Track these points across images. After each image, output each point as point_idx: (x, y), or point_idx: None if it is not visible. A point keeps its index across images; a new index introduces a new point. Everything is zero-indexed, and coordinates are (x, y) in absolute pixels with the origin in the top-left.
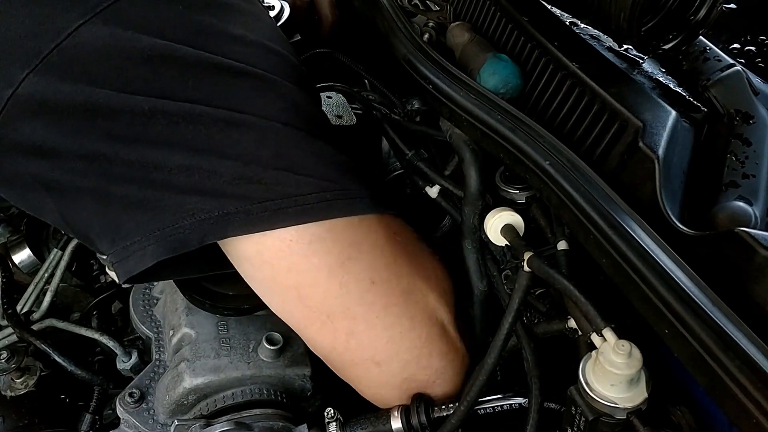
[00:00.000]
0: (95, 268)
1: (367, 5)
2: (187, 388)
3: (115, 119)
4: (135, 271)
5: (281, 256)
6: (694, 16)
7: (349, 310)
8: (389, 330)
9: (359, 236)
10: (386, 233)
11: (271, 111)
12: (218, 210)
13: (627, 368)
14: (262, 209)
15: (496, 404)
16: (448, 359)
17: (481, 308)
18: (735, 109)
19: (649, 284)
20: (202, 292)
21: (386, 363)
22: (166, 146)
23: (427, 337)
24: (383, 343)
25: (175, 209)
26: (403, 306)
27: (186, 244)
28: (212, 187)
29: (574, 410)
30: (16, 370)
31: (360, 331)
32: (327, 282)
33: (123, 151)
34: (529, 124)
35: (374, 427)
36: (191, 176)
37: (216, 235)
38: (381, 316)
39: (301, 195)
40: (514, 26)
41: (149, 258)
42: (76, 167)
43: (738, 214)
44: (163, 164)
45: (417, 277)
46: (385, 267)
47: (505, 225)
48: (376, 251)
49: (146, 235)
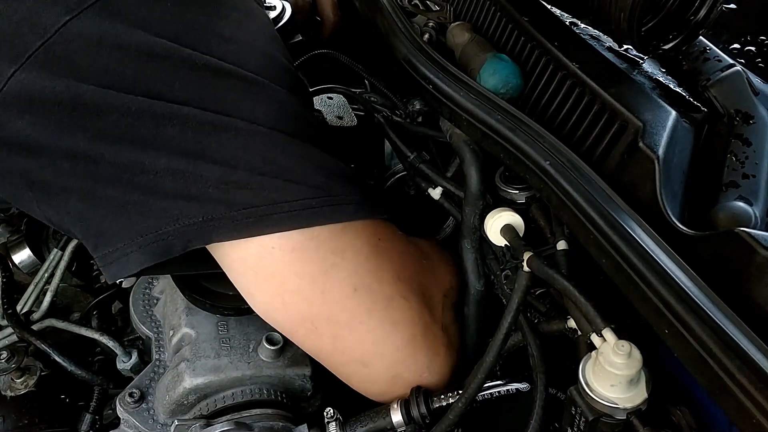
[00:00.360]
0: (95, 268)
1: (367, 5)
2: (187, 388)
3: (101, 118)
4: (120, 276)
5: (264, 263)
6: (694, 16)
7: (332, 316)
8: (373, 333)
9: (343, 243)
10: (371, 239)
11: (259, 114)
12: (203, 215)
13: (627, 368)
14: (246, 215)
15: (494, 390)
16: (432, 354)
17: (477, 308)
18: (735, 109)
19: (649, 284)
20: (202, 292)
21: (373, 363)
22: (153, 148)
23: (410, 338)
24: (368, 346)
25: (160, 214)
26: (386, 311)
27: (170, 251)
28: (197, 192)
29: (574, 410)
30: (16, 370)
31: (344, 336)
32: (310, 289)
33: (109, 152)
34: (529, 124)
35: (374, 423)
36: (176, 180)
37: (200, 241)
38: (364, 321)
39: (285, 201)
40: (514, 26)
41: (133, 264)
42: (61, 167)
43: (738, 214)
44: (148, 167)
45: (400, 282)
46: (368, 273)
47: (505, 225)
48: (360, 258)
49: (129, 242)
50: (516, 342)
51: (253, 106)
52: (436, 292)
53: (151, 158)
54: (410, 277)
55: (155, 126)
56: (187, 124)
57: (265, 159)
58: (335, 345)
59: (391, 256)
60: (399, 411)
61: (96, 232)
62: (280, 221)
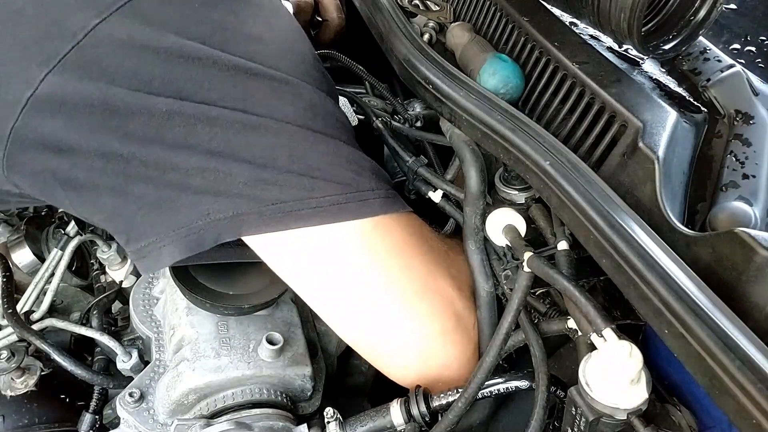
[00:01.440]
0: (95, 268)
1: (367, 5)
2: (188, 387)
3: (132, 119)
4: (154, 268)
5: (292, 256)
6: (694, 16)
7: (365, 309)
8: (404, 327)
9: (373, 238)
10: (402, 234)
11: (288, 113)
12: (232, 210)
13: (627, 369)
14: (274, 210)
15: (495, 388)
16: (461, 347)
17: (489, 309)
18: (735, 110)
19: (649, 284)
20: (202, 292)
21: (403, 353)
22: (183, 148)
23: (441, 331)
24: (400, 338)
25: (190, 209)
26: (417, 306)
27: (201, 244)
28: (227, 189)
29: (574, 411)
30: (16, 369)
31: (375, 329)
32: (337, 286)
33: (140, 152)
34: (529, 124)
35: (374, 422)
36: (206, 178)
37: (230, 234)
38: (395, 315)
39: (313, 198)
40: (515, 26)
41: (166, 257)
42: (93, 165)
43: (738, 215)
44: (179, 165)
45: (431, 276)
46: (399, 269)
47: (506, 225)
48: (392, 253)
49: (162, 236)
50: (517, 342)
51: (282, 104)
52: (465, 287)
53: (181, 157)
54: (441, 271)
55: (185, 126)
56: (217, 124)
57: (293, 157)
58: (369, 336)
59: (422, 250)
60: (399, 410)
61: (128, 227)
62: (307, 216)
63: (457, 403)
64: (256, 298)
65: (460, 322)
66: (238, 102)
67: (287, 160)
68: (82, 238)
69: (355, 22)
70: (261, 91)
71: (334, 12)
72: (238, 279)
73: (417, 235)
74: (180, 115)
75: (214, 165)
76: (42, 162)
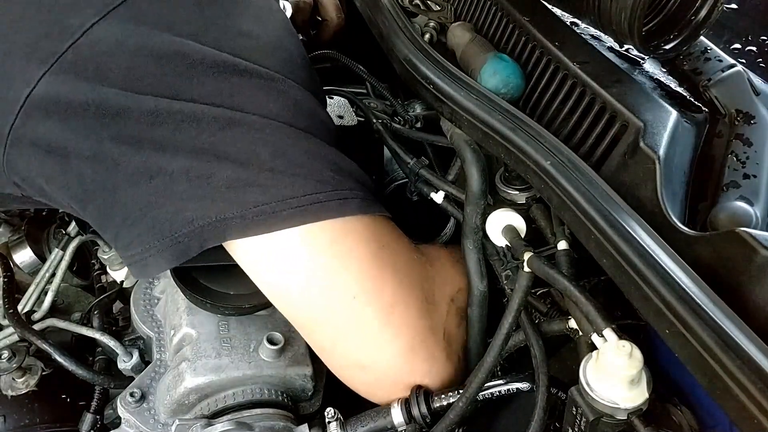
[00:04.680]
0: (96, 268)
1: (367, 5)
2: (188, 387)
3: (124, 120)
4: (145, 276)
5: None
6: (695, 16)
7: (332, 319)
8: (372, 340)
9: (346, 247)
10: (374, 245)
11: (272, 109)
12: (216, 215)
13: (627, 368)
14: (256, 213)
15: (495, 389)
16: (432, 360)
17: (480, 309)
18: (736, 110)
19: (650, 284)
20: (203, 292)
21: (371, 368)
22: (171, 148)
23: (409, 346)
24: (367, 352)
25: (175, 217)
26: (386, 318)
27: (187, 252)
28: (210, 193)
29: (574, 411)
30: (17, 369)
31: (342, 340)
32: (312, 291)
33: (130, 153)
34: (530, 124)
35: (375, 423)
36: (191, 181)
37: (214, 240)
38: (364, 326)
39: (294, 197)
40: (515, 26)
41: (153, 267)
42: (84, 169)
43: (739, 215)
44: (165, 168)
45: (401, 288)
46: (369, 279)
47: (506, 225)
48: (363, 264)
49: (147, 246)
50: (517, 342)
51: (267, 101)
52: (440, 298)
53: (167, 159)
54: (412, 283)
55: (172, 124)
56: (202, 121)
57: (274, 153)
58: (335, 347)
59: (395, 262)
60: (400, 410)
61: (116, 235)
62: (289, 217)
63: (457, 403)
64: (256, 298)
65: (429, 336)
66: (225, 99)
67: (269, 156)
68: (83, 239)
69: (355, 22)
70: (247, 88)
71: (333, 12)
72: (238, 279)
73: (392, 246)
74: (168, 114)
75: (198, 165)
76: (38, 164)
